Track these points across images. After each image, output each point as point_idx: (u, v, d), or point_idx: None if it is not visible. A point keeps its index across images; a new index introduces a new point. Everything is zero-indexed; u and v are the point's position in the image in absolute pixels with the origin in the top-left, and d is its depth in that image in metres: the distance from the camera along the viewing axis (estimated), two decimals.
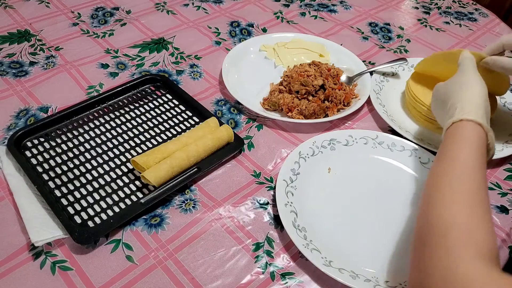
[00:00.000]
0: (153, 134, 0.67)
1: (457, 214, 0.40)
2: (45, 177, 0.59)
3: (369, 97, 0.75)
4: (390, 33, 0.98)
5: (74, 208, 0.56)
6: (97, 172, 0.61)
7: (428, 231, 0.41)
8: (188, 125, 0.70)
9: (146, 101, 0.73)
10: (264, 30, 0.95)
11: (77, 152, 0.63)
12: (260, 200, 0.60)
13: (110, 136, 0.66)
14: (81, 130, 0.67)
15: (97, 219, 0.55)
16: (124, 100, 0.73)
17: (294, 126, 0.72)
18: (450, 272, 0.36)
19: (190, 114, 0.71)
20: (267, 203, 0.60)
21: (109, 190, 0.59)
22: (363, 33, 0.97)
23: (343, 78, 0.79)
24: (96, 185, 0.59)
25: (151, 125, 0.69)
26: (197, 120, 0.70)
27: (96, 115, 0.70)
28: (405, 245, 0.55)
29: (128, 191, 0.59)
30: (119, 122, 0.69)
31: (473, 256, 0.37)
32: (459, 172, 0.45)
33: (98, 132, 0.67)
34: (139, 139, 0.66)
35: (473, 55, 0.61)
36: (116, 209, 0.56)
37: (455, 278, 0.35)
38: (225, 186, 0.62)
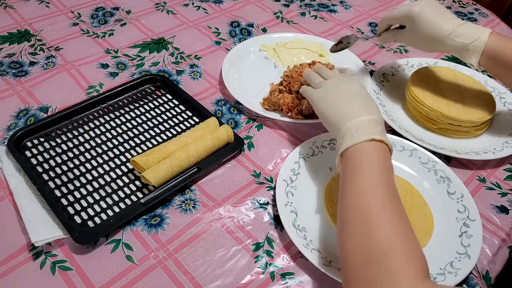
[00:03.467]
0: (153, 134, 0.67)
1: (392, 237, 0.41)
2: (45, 177, 0.59)
3: None
4: None
5: (74, 208, 0.56)
6: (97, 172, 0.61)
7: (366, 258, 0.40)
8: (188, 125, 0.70)
9: (146, 101, 0.73)
10: (264, 30, 0.95)
11: (77, 152, 0.63)
12: (260, 200, 0.60)
13: (110, 136, 0.66)
14: (81, 130, 0.67)
15: (97, 219, 0.55)
16: (124, 100, 0.73)
17: (294, 126, 0.72)
18: None
19: (190, 114, 0.71)
20: (267, 203, 0.60)
21: (109, 190, 0.59)
22: (363, 33, 0.97)
23: None
24: (96, 185, 0.59)
25: (151, 125, 0.69)
26: (197, 120, 0.70)
27: (96, 115, 0.70)
28: None
29: (128, 191, 0.59)
30: (119, 122, 0.69)
31: (414, 275, 0.38)
32: (389, 190, 0.45)
33: (98, 132, 0.67)
34: (139, 139, 0.66)
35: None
36: (116, 209, 0.56)
37: None
38: (225, 186, 0.62)
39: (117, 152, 0.64)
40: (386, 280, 0.38)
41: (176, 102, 0.73)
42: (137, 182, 0.60)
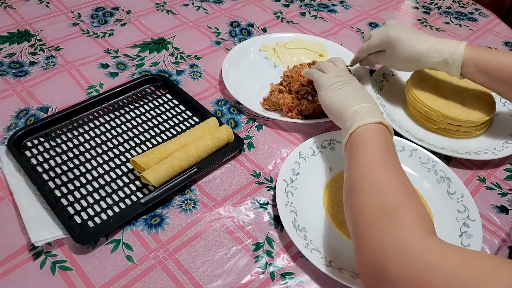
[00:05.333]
0: (153, 134, 0.67)
1: (403, 197, 0.44)
2: (45, 177, 0.59)
3: None
4: None
5: (74, 208, 0.56)
6: (97, 172, 0.61)
7: (378, 214, 0.43)
8: (188, 125, 0.70)
9: (146, 101, 0.73)
10: (264, 30, 0.95)
11: (77, 152, 0.63)
12: (260, 200, 0.60)
13: (110, 136, 0.66)
14: (81, 130, 0.67)
15: (97, 219, 0.55)
16: (124, 100, 0.73)
17: (294, 126, 0.72)
18: (406, 247, 0.38)
19: (190, 114, 0.71)
20: (267, 203, 0.60)
21: (109, 190, 0.59)
22: (363, 33, 0.97)
23: None
24: (96, 185, 0.59)
25: (151, 125, 0.69)
26: (197, 120, 0.70)
27: (96, 115, 0.70)
28: None
29: (128, 191, 0.59)
30: (119, 122, 0.69)
31: (424, 231, 0.40)
32: (394, 161, 0.49)
33: (98, 132, 0.67)
34: (139, 139, 0.66)
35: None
36: (116, 209, 0.56)
37: (411, 252, 0.38)
38: (225, 186, 0.62)
39: (117, 152, 0.64)
40: (398, 231, 0.40)
41: (176, 102, 0.73)
42: (137, 182, 0.60)
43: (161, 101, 0.73)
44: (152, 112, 0.71)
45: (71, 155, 0.63)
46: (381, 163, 0.48)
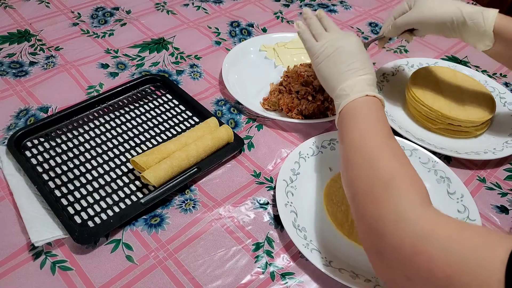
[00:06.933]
0: (153, 134, 0.67)
1: (397, 166, 0.44)
2: (45, 177, 0.59)
3: None
4: None
5: (74, 208, 0.56)
6: (97, 172, 0.61)
7: (373, 184, 0.43)
8: (188, 125, 0.70)
9: (146, 101, 0.73)
10: (264, 30, 0.95)
11: (77, 152, 0.63)
12: (260, 200, 0.60)
13: (110, 136, 0.66)
14: (81, 130, 0.67)
15: (97, 219, 0.55)
16: (124, 100, 0.73)
17: (294, 126, 0.72)
18: (403, 216, 0.39)
19: (190, 114, 0.71)
20: (267, 203, 0.60)
21: (109, 190, 0.59)
22: (363, 33, 0.97)
23: None
24: (96, 185, 0.59)
25: (151, 125, 0.69)
26: (197, 120, 0.70)
27: (96, 115, 0.70)
28: None
29: (128, 191, 0.59)
30: (119, 122, 0.69)
31: (420, 202, 0.40)
32: (386, 132, 0.49)
33: (98, 132, 0.67)
34: (139, 139, 0.66)
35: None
36: (116, 209, 0.56)
37: (408, 221, 0.38)
38: (225, 186, 0.62)
39: (117, 152, 0.64)
40: (394, 199, 0.40)
41: (176, 102, 0.73)
42: (137, 182, 0.60)
43: (161, 101, 0.73)
44: (152, 112, 0.71)
45: (71, 155, 0.63)
46: (372, 136, 0.48)
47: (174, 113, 0.71)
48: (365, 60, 0.57)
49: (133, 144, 0.65)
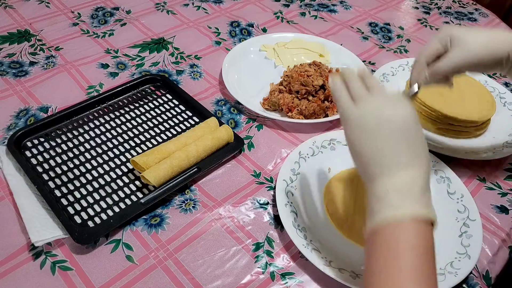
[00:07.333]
0: (153, 134, 0.67)
1: None
2: (45, 177, 0.59)
3: None
4: (390, 33, 0.98)
5: (74, 208, 0.56)
6: (97, 172, 0.61)
7: None
8: (188, 125, 0.70)
9: (146, 101, 0.73)
10: (264, 30, 0.95)
11: (77, 152, 0.63)
12: (260, 200, 0.60)
13: (110, 136, 0.66)
14: (81, 130, 0.67)
15: (97, 219, 0.55)
16: (124, 100, 0.73)
17: (294, 126, 0.72)
18: None
19: (190, 114, 0.71)
20: (267, 203, 0.60)
21: (109, 190, 0.59)
22: (363, 33, 0.97)
23: None
24: (96, 185, 0.59)
25: (151, 125, 0.69)
26: (197, 120, 0.70)
27: (96, 115, 0.70)
28: None
29: (128, 191, 0.59)
30: (119, 122, 0.69)
31: None
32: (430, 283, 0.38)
33: (98, 132, 0.67)
34: (139, 139, 0.66)
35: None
36: (116, 209, 0.56)
37: None
38: (225, 186, 0.62)
39: (117, 152, 0.64)
40: None
41: (176, 102, 0.73)
42: (137, 182, 0.60)
43: (161, 101, 0.73)
44: (152, 112, 0.71)
45: (71, 155, 0.63)
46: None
47: (174, 113, 0.71)
48: (417, 141, 0.42)
49: (133, 144, 0.65)
